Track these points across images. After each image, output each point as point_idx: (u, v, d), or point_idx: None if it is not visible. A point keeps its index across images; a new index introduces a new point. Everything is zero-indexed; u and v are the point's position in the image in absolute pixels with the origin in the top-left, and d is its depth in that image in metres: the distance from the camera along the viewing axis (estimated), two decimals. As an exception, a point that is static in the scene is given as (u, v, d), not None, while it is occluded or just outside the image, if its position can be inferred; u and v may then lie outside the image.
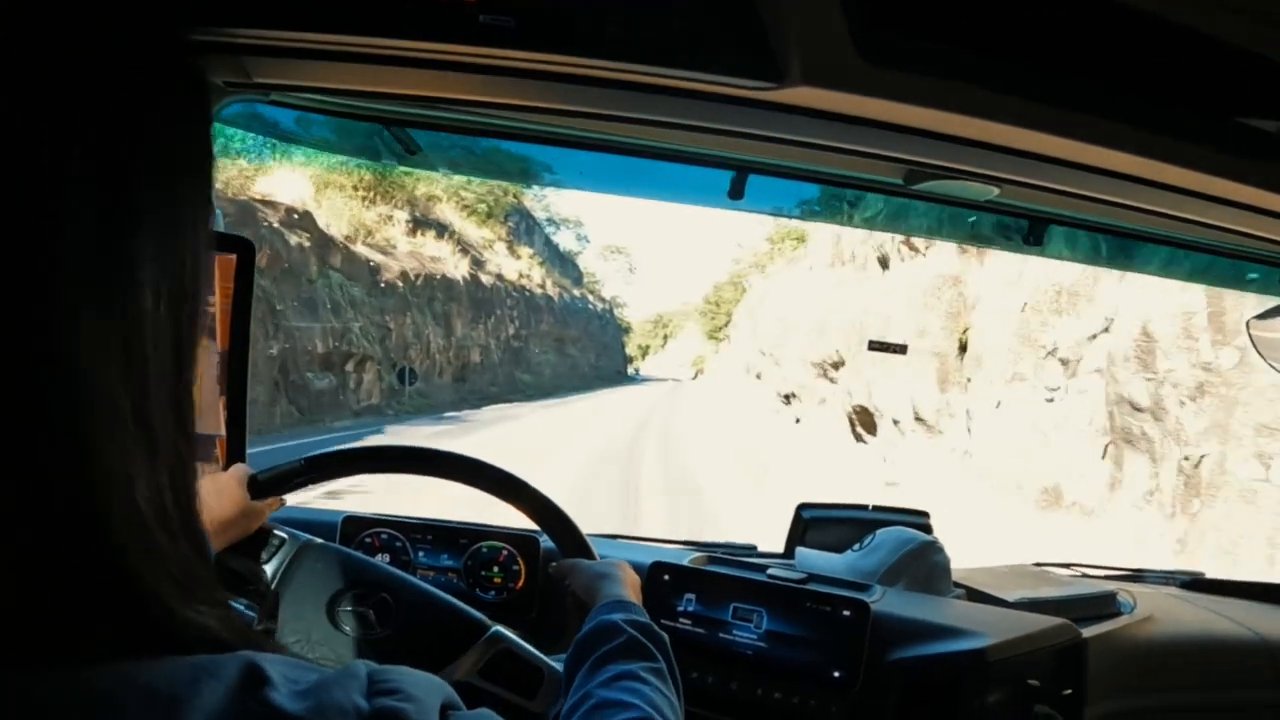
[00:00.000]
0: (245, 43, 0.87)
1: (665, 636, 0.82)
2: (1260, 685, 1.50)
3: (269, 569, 1.07)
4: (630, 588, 0.97)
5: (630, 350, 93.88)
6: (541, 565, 1.45)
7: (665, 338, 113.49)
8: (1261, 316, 1.41)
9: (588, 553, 1.10)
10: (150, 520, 0.35)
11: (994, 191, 1.06)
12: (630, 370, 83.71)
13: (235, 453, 1.21)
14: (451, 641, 1.04)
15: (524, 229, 42.18)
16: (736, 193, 1.21)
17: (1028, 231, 1.31)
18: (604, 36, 0.73)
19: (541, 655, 1.05)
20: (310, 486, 1.11)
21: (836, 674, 1.20)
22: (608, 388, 45.86)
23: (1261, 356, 1.43)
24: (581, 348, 49.73)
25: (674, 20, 0.72)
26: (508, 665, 1.03)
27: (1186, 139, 0.79)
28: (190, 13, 0.83)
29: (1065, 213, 1.23)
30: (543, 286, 40.69)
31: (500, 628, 1.06)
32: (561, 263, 55.14)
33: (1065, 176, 0.93)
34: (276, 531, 1.11)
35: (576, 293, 53.47)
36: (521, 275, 36.60)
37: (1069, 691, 1.26)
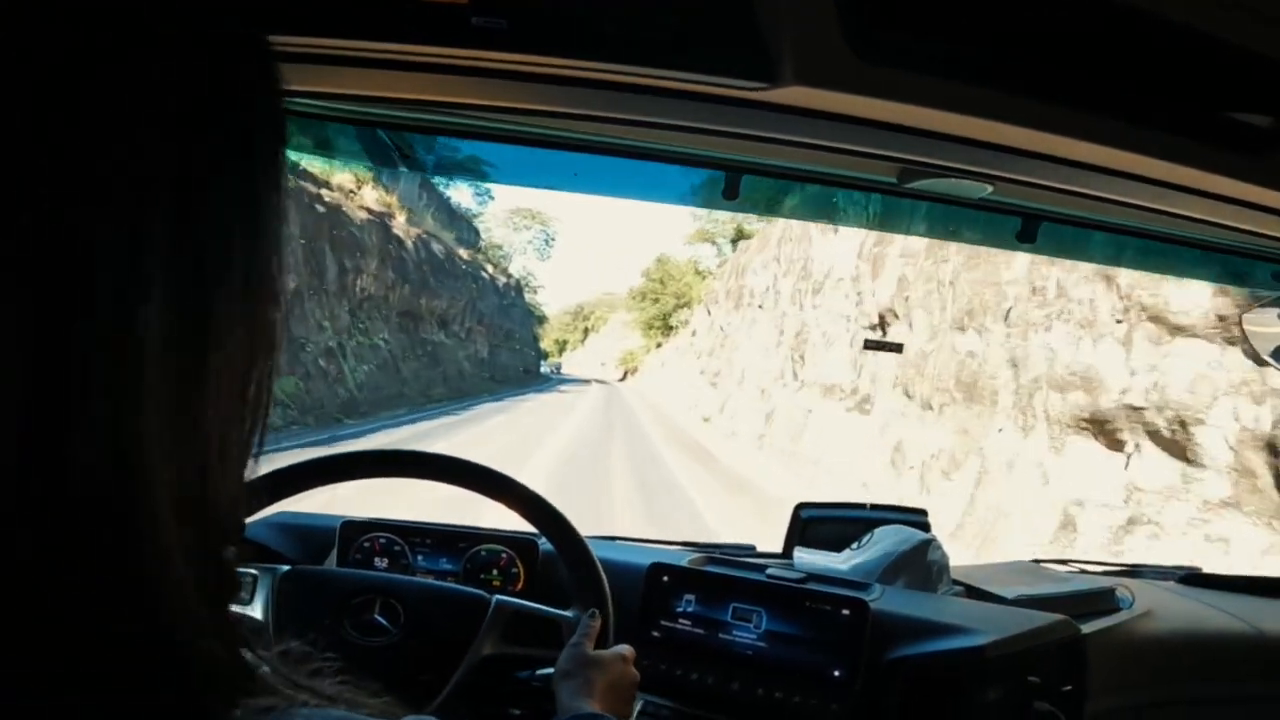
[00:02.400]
0: (237, 48, 0.86)
1: None
2: (1257, 678, 1.51)
3: (257, 610, 1.06)
4: (602, 692, 0.93)
5: (545, 345, 78.51)
6: (541, 568, 1.45)
7: (586, 331, 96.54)
8: (1254, 312, 1.41)
9: (584, 554, 1.09)
10: (189, 588, 0.32)
11: (987, 189, 1.06)
12: (546, 368, 65.70)
13: None
14: (463, 622, 1.06)
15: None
16: (731, 193, 1.21)
17: (1020, 229, 1.31)
18: (597, 37, 0.73)
19: (547, 607, 1.09)
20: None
21: (836, 673, 1.20)
22: (500, 398, 27.75)
23: (1256, 351, 1.44)
24: (462, 332, 31.65)
25: (667, 21, 0.73)
26: (524, 626, 1.07)
27: (1179, 134, 0.80)
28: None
29: (1058, 209, 1.23)
30: (381, 217, 22.45)
31: (499, 595, 1.09)
32: (449, 217, 39.21)
33: (1058, 173, 0.93)
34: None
35: (464, 254, 35.29)
36: (321, 182, 18.70)
37: (1069, 687, 1.26)
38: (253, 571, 1.08)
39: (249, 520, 1.29)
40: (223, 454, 0.35)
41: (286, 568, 1.10)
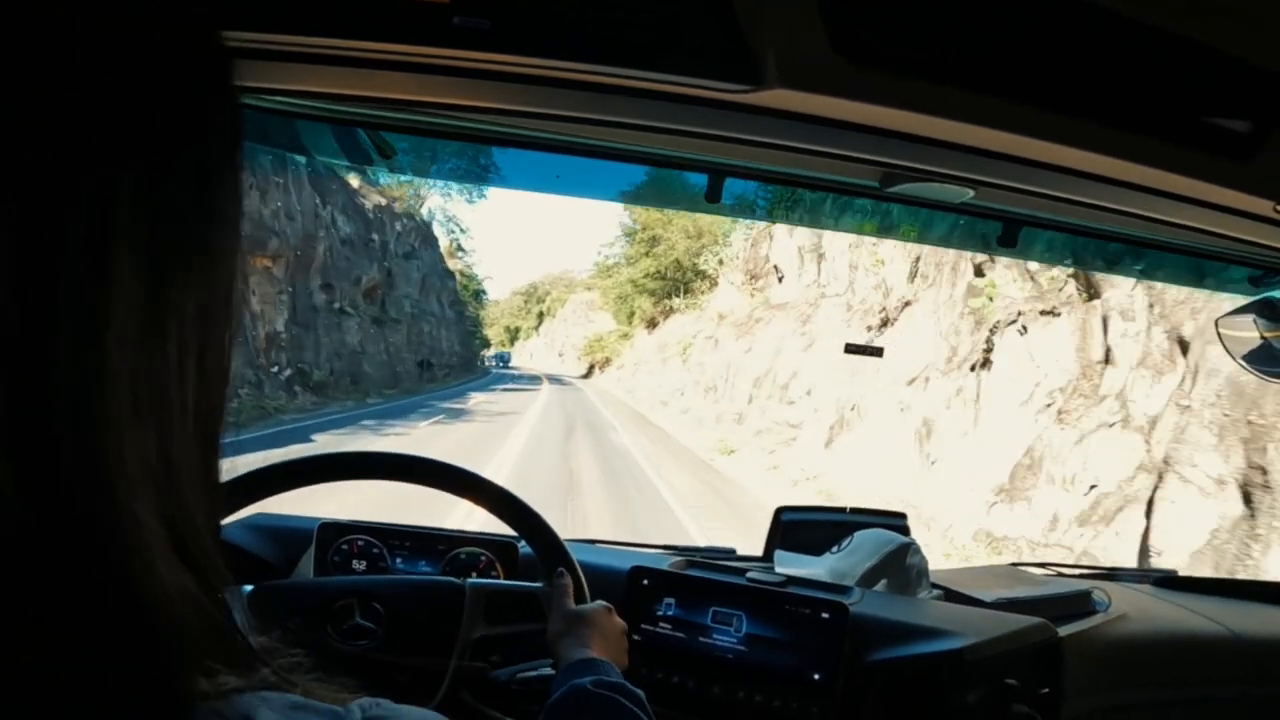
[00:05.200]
0: (216, 45, 0.85)
1: (640, 693, 0.82)
2: (1232, 680, 1.52)
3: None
4: (597, 642, 0.95)
5: (491, 332, 64.09)
6: (521, 571, 1.44)
7: (540, 316, 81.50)
8: (1230, 315, 1.43)
9: (565, 558, 1.09)
10: (173, 593, 0.33)
11: (969, 193, 1.07)
12: (491, 359, 51.49)
13: None
14: (444, 612, 1.06)
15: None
16: (713, 196, 1.21)
17: (1001, 233, 1.31)
18: (580, 39, 0.73)
19: (518, 582, 1.11)
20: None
21: (816, 676, 1.20)
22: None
23: (1230, 355, 1.45)
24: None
25: (651, 22, 0.72)
26: (503, 604, 1.07)
27: (1160, 140, 0.80)
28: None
29: (1039, 214, 1.24)
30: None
31: (471, 579, 1.10)
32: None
33: (1039, 178, 0.94)
34: None
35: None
36: None
37: (1046, 690, 1.27)
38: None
39: (224, 522, 1.28)
40: (184, 421, 0.35)
41: (250, 587, 1.08)
